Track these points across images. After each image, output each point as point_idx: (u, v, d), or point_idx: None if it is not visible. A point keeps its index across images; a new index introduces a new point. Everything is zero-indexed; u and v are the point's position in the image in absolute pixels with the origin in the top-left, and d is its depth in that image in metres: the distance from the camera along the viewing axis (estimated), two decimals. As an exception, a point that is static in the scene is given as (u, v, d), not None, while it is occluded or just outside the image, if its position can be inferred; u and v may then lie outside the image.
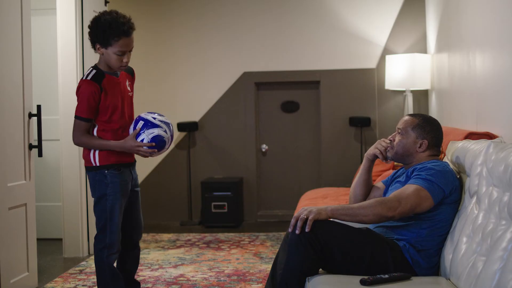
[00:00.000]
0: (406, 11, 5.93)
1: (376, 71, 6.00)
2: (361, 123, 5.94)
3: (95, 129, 2.98)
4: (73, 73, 4.67)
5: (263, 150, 6.30)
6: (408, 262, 2.49)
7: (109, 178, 2.97)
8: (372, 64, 6.01)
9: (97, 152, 2.98)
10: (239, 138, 6.20)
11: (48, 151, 5.14)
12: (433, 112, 5.47)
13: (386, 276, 2.30)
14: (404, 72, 5.41)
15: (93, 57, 4.87)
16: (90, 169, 3.01)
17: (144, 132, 2.92)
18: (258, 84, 6.26)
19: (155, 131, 2.91)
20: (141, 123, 2.93)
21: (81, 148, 4.63)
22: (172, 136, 3.00)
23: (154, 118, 2.94)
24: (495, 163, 2.28)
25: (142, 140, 2.91)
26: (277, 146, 6.31)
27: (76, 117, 2.94)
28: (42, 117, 3.95)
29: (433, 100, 5.50)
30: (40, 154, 3.86)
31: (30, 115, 3.79)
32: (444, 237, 2.54)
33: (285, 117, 6.30)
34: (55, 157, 5.23)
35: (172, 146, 6.22)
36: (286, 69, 6.13)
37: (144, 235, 5.45)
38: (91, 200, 4.73)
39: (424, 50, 5.82)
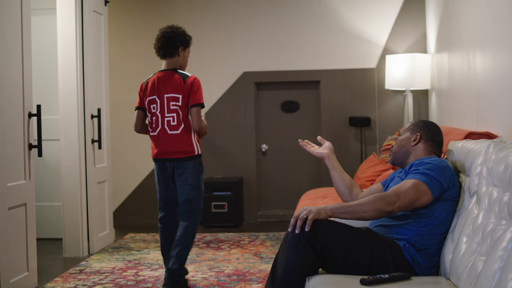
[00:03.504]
0: (406, 11, 5.93)
1: (376, 71, 6.00)
2: (361, 123, 5.94)
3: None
4: (73, 73, 4.67)
5: (263, 150, 6.30)
6: (408, 262, 2.49)
7: (202, 167, 3.64)
8: (372, 64, 6.01)
9: (196, 141, 3.60)
10: (239, 138, 6.20)
11: (48, 151, 5.14)
12: (433, 112, 5.47)
13: (386, 276, 2.30)
14: (404, 72, 5.41)
15: (93, 57, 4.87)
16: (192, 158, 3.56)
17: None
18: (258, 84, 6.26)
19: None
20: None
21: (82, 148, 4.67)
22: None
23: None
24: (495, 163, 2.28)
25: None
26: (277, 146, 6.31)
27: (200, 104, 3.55)
28: (42, 117, 3.95)
29: (433, 100, 5.50)
30: (40, 154, 3.85)
31: (30, 115, 3.79)
32: (444, 237, 2.54)
33: (285, 117, 6.30)
34: (55, 157, 5.23)
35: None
36: (286, 69, 6.13)
37: (144, 235, 5.44)
38: (91, 200, 4.78)
39: (424, 50, 5.82)
